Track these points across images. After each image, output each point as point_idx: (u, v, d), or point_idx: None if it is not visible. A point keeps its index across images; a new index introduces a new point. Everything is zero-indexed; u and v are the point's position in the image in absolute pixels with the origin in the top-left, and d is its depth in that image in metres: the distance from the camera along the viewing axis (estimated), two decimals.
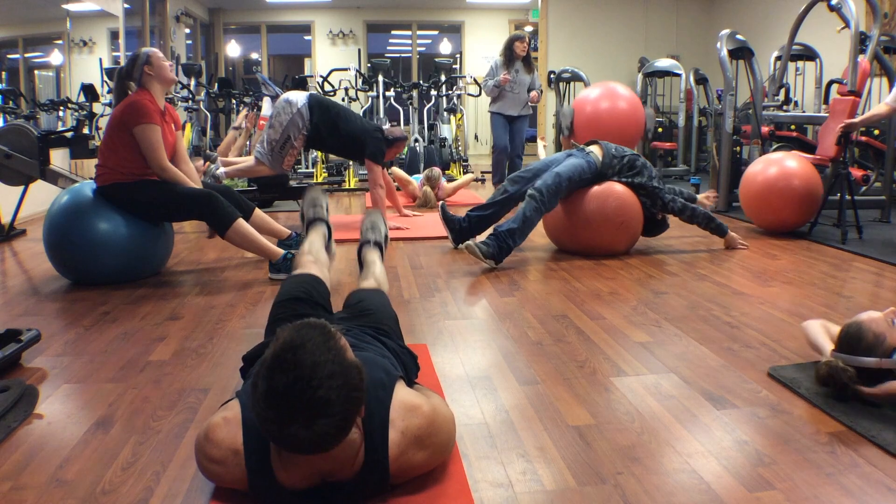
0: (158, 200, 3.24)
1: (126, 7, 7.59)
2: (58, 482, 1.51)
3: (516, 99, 6.26)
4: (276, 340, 1.25)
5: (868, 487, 1.48)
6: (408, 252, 3.98)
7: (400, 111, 8.62)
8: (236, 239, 3.29)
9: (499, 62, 6.24)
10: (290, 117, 4.42)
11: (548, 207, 3.68)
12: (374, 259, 2.46)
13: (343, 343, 1.28)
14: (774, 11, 8.58)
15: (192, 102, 8.11)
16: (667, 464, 1.59)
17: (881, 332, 1.86)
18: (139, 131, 3.14)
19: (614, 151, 3.87)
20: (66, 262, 3.26)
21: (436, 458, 1.48)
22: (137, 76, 3.22)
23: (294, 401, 1.19)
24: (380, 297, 2.07)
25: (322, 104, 4.51)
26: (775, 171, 4.38)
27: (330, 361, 1.22)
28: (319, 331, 1.27)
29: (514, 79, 6.14)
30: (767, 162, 4.51)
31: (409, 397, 1.44)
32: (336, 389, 1.21)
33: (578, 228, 3.84)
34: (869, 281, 3.34)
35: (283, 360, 1.21)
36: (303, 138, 4.48)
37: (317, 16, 11.99)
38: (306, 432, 1.19)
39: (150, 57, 3.22)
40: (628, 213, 3.79)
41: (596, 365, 2.22)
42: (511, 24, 12.23)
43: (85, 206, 3.20)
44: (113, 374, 2.15)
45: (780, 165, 4.41)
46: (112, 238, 3.19)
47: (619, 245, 3.87)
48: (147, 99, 3.19)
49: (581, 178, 3.76)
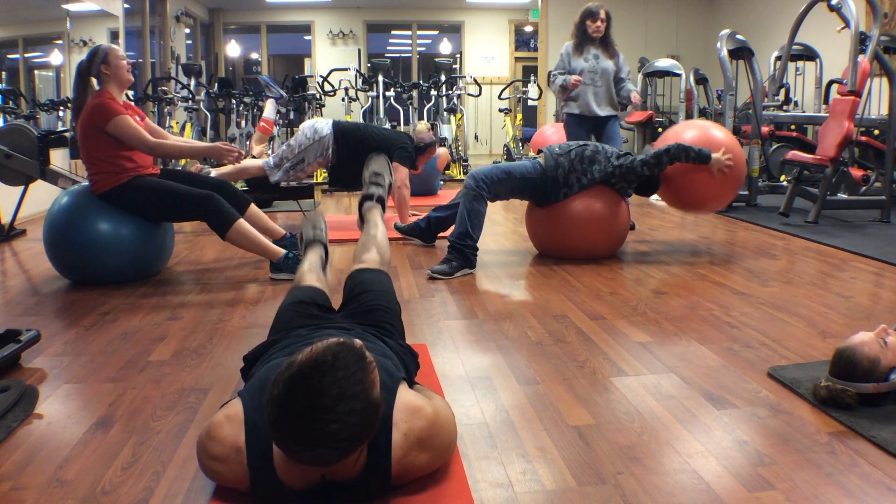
0: (158, 202, 3.25)
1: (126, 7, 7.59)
2: (58, 482, 1.51)
3: (599, 93, 4.58)
4: (311, 350, 1.21)
5: (868, 487, 1.48)
6: (408, 252, 3.98)
7: (400, 111, 8.62)
8: (237, 239, 3.29)
9: (569, 48, 4.67)
10: (311, 143, 4.48)
11: (486, 192, 3.52)
12: (376, 220, 2.46)
13: (374, 377, 1.25)
14: (774, 11, 8.58)
15: (192, 102, 8.11)
16: (667, 464, 1.59)
17: (874, 355, 1.84)
18: (112, 127, 3.13)
19: (557, 150, 3.71)
20: (67, 262, 3.26)
21: (438, 460, 1.48)
22: (95, 73, 3.22)
23: (303, 425, 1.18)
24: (382, 284, 2.06)
25: (345, 130, 4.55)
26: (696, 135, 3.86)
27: (354, 397, 1.19)
28: (356, 359, 1.23)
29: (594, 67, 4.56)
30: (689, 125, 4.06)
31: (411, 399, 1.44)
32: (349, 427, 1.19)
33: (561, 234, 3.74)
34: (869, 281, 3.34)
35: (307, 379, 1.18)
36: (317, 165, 4.55)
37: (317, 16, 12.00)
38: (307, 453, 1.20)
39: (107, 55, 3.19)
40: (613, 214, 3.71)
41: (596, 365, 2.22)
42: (511, 24, 12.24)
43: (85, 206, 3.20)
44: (113, 374, 2.15)
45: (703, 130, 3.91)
46: (112, 238, 3.19)
47: (603, 249, 3.77)
48: (107, 97, 3.18)
49: (524, 176, 3.60)
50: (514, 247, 4.17)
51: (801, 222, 4.84)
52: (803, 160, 4.97)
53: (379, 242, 2.32)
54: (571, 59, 4.61)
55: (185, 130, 7.96)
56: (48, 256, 3.29)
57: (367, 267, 2.18)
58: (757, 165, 5.71)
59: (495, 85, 11.35)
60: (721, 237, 4.48)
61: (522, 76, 11.95)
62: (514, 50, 12.36)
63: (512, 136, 9.34)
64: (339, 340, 1.25)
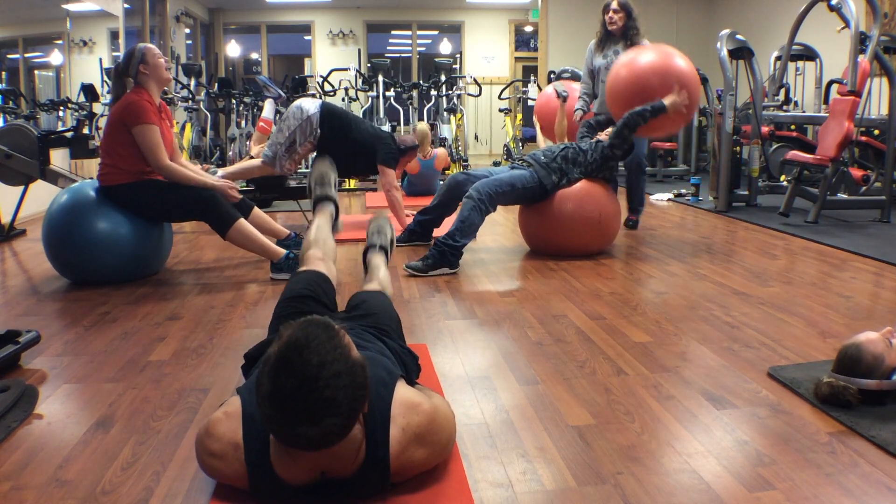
0: (160, 201, 3.25)
1: (126, 7, 7.59)
2: (58, 482, 1.51)
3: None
4: (280, 339, 1.25)
5: (868, 487, 1.48)
6: (408, 252, 3.98)
7: (400, 111, 8.62)
8: (238, 239, 3.29)
9: (592, 45, 4.55)
10: (299, 123, 4.43)
11: (487, 206, 3.58)
12: (379, 263, 2.43)
13: (347, 340, 1.29)
14: (774, 11, 8.58)
15: (192, 102, 8.11)
16: (667, 464, 1.59)
17: (879, 353, 1.85)
18: (138, 132, 3.13)
19: (544, 158, 3.79)
20: (66, 262, 3.25)
21: (436, 456, 1.48)
22: (133, 73, 3.21)
23: (301, 402, 1.20)
24: (382, 299, 2.07)
25: (333, 112, 4.52)
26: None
27: (335, 360, 1.23)
28: (324, 328, 1.27)
29: (610, 64, 4.27)
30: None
31: (410, 395, 1.45)
32: (342, 389, 1.22)
33: (553, 230, 3.81)
34: (869, 281, 3.34)
35: (288, 361, 1.21)
36: (310, 145, 4.48)
37: (317, 16, 12.00)
38: (313, 430, 1.21)
39: (144, 55, 3.20)
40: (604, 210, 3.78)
41: (596, 365, 2.22)
42: (511, 24, 12.24)
43: (85, 206, 3.20)
44: (113, 374, 2.15)
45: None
46: (112, 237, 3.19)
47: (594, 245, 3.86)
48: (144, 98, 3.18)
49: (525, 186, 3.68)
50: (514, 246, 4.17)
51: (801, 222, 4.84)
52: (803, 160, 4.97)
53: (381, 279, 2.31)
54: (593, 57, 4.55)
55: (185, 130, 7.96)
56: (47, 256, 3.29)
57: (369, 289, 2.18)
58: (757, 165, 5.71)
59: (495, 85, 11.35)
60: (721, 237, 4.48)
61: (522, 76, 11.95)
62: (514, 50, 12.36)
63: (512, 136, 9.34)
64: (303, 319, 1.29)
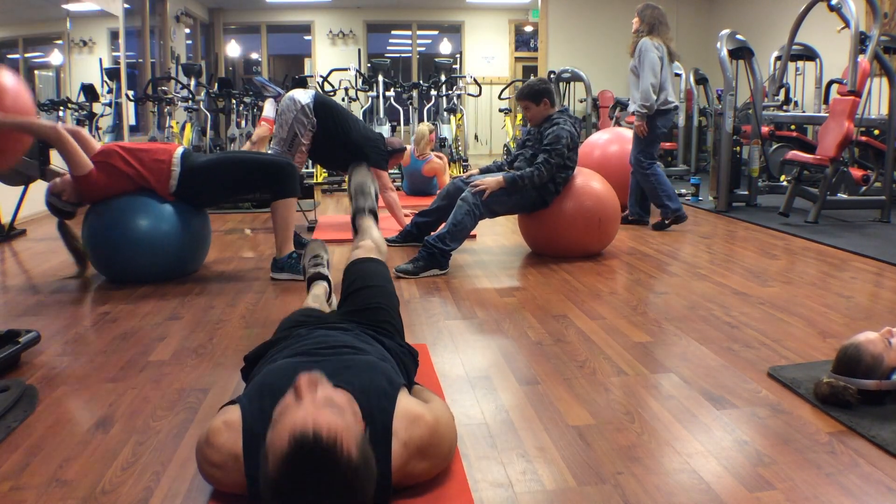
0: (227, 176, 3.27)
1: (126, 7, 7.58)
2: (58, 482, 1.51)
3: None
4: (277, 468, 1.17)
5: (868, 487, 1.48)
6: (408, 252, 3.98)
7: (400, 111, 8.62)
8: (281, 211, 3.30)
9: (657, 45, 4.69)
10: (295, 114, 4.42)
11: (481, 211, 3.60)
12: (371, 224, 2.44)
13: (347, 448, 1.17)
14: (774, 11, 8.59)
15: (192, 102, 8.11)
16: (667, 464, 1.59)
17: (879, 353, 1.85)
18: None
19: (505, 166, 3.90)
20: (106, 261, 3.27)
21: (438, 467, 1.48)
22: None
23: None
24: (380, 277, 2.05)
25: (327, 104, 4.51)
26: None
27: (342, 493, 1.17)
28: (323, 458, 1.16)
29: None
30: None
31: (411, 407, 1.43)
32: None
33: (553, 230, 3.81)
34: (869, 281, 3.34)
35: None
36: (310, 135, 4.48)
37: (317, 16, 11.99)
38: None
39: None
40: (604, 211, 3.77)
41: (596, 365, 2.22)
42: (511, 24, 12.24)
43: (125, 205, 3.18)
44: (113, 374, 2.15)
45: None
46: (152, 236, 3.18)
47: (594, 245, 3.85)
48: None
49: (521, 195, 3.67)
50: (514, 246, 4.17)
51: (801, 222, 4.84)
52: (803, 160, 4.97)
53: (375, 237, 2.32)
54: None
55: (185, 130, 7.96)
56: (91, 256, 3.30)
57: (365, 256, 2.16)
58: (757, 165, 5.71)
59: (495, 85, 11.35)
60: (721, 237, 4.48)
61: (522, 76, 11.96)
62: (514, 50, 12.36)
63: (512, 136, 9.34)
64: (297, 447, 1.15)
